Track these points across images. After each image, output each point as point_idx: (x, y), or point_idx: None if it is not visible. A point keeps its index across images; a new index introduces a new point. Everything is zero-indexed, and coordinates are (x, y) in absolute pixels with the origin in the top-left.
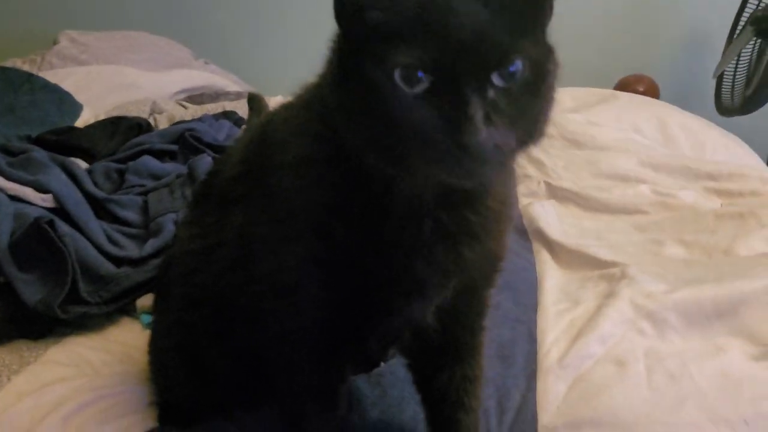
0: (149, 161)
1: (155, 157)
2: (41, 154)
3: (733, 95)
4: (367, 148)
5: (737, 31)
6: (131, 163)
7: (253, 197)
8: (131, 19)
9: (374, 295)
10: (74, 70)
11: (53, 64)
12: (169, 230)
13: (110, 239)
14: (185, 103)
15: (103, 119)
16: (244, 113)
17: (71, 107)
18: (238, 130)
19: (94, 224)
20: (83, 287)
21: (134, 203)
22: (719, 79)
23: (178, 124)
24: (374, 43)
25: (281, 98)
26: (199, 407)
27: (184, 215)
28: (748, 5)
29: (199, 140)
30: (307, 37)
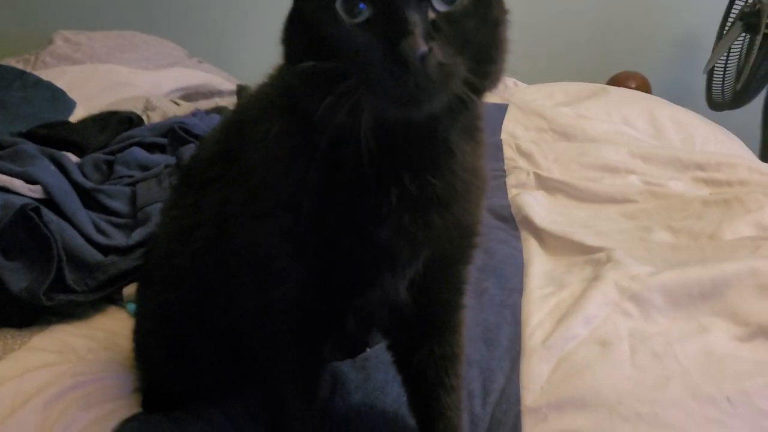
0: (138, 152)
1: (146, 149)
2: (30, 146)
3: (723, 90)
4: (313, 94)
5: (726, 28)
6: (120, 154)
7: (227, 176)
8: (125, 18)
9: (345, 267)
10: (68, 68)
11: (47, 63)
12: (156, 220)
13: (98, 229)
14: (179, 100)
15: (93, 114)
16: None
17: (64, 104)
18: None
19: (82, 214)
20: (69, 275)
21: (122, 193)
22: (710, 74)
23: None
24: None
25: None
26: (181, 391)
27: (167, 200)
28: (736, 3)
29: (188, 132)
30: None
